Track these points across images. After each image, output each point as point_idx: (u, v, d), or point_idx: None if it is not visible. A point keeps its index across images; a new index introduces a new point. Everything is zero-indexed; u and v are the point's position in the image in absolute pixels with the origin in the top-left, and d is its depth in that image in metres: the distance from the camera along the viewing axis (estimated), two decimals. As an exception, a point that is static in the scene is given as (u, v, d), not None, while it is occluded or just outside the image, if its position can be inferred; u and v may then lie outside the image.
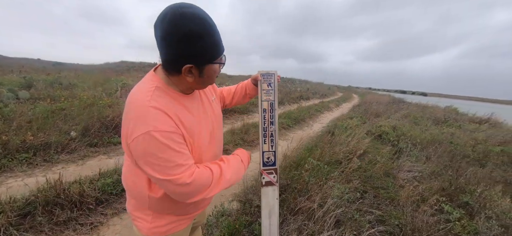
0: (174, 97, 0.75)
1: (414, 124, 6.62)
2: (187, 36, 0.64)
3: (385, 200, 2.17)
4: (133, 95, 0.73)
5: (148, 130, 0.64)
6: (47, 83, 5.39)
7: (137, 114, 0.67)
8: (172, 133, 0.68)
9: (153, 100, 0.68)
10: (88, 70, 13.81)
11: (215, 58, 0.74)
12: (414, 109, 10.88)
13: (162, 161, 0.66)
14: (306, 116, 7.37)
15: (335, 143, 3.14)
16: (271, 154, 1.21)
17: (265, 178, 1.24)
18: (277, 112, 1.19)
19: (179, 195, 0.73)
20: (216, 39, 0.72)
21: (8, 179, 2.59)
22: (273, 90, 1.17)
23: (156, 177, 0.68)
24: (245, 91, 1.24)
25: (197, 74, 0.73)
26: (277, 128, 1.20)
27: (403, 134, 4.78)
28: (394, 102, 13.33)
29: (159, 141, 0.65)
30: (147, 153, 0.66)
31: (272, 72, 1.17)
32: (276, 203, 1.27)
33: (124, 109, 0.72)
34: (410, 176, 2.78)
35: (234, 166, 0.90)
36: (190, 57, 0.69)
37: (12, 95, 4.18)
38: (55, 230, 1.86)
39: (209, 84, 0.83)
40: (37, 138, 3.15)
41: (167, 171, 0.67)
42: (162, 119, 0.67)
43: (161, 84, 0.74)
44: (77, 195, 2.08)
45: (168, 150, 0.66)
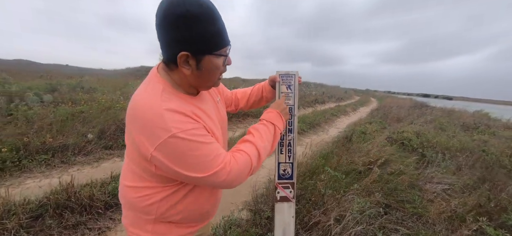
0: (183, 98, 0.69)
1: (440, 130, 6.14)
2: (183, 18, 0.58)
3: (411, 216, 1.94)
4: (139, 101, 0.65)
5: (172, 133, 0.59)
6: (70, 87, 5.65)
7: (151, 121, 0.60)
8: (196, 129, 0.64)
9: (164, 102, 0.62)
10: (110, 75, 14.49)
11: (216, 49, 0.66)
12: (439, 113, 10.17)
13: (199, 158, 0.63)
14: (321, 121, 7.12)
15: (353, 150, 2.93)
16: (288, 166, 1.08)
17: (280, 193, 1.10)
18: (296, 119, 1.06)
19: (223, 184, 0.69)
20: (218, 27, 0.64)
21: (26, 180, 2.67)
22: (293, 93, 1.05)
23: (197, 177, 0.64)
24: (261, 94, 1.13)
25: (195, 65, 0.65)
26: (296, 137, 1.07)
27: (428, 141, 4.41)
28: (416, 106, 12.58)
29: (188, 139, 0.61)
30: (179, 157, 0.62)
31: (293, 73, 1.05)
32: (292, 221, 1.13)
33: (129, 118, 0.65)
34: (440, 189, 2.50)
35: (267, 137, 0.84)
36: (186, 43, 0.62)
37: (37, 99, 4.40)
38: (64, 234, 1.85)
39: (211, 82, 0.73)
40: (56, 140, 3.25)
41: (207, 165, 0.64)
42: (181, 119, 0.62)
43: (167, 85, 0.67)
44: (87, 198, 2.07)
45: (200, 145, 0.63)
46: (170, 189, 0.72)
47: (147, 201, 0.72)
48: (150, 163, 0.65)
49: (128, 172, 0.75)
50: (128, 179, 0.75)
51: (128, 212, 0.79)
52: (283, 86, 1.05)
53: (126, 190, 0.75)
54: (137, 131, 0.63)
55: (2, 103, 3.99)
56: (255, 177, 3.01)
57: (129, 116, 0.65)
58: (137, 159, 0.69)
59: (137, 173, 0.72)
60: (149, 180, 0.71)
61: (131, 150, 0.70)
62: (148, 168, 0.68)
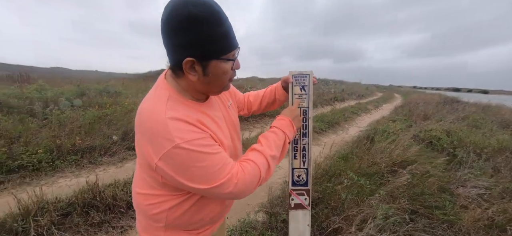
0: (190, 105, 0.67)
1: (474, 128, 5.62)
2: (186, 20, 0.56)
3: (442, 224, 1.78)
4: (145, 109, 0.65)
5: (175, 143, 0.57)
6: (97, 92, 6.02)
7: (155, 130, 0.59)
8: (201, 138, 0.61)
9: (169, 111, 0.61)
10: (133, 79, 15.26)
11: (223, 53, 0.63)
12: (472, 109, 9.32)
13: (204, 170, 0.61)
14: (340, 119, 6.87)
15: (375, 151, 2.76)
16: (302, 172, 1.03)
17: (295, 200, 1.06)
18: (311, 122, 1.00)
19: (230, 196, 0.67)
20: (225, 30, 0.61)
21: (59, 179, 2.89)
22: (307, 95, 0.99)
23: (202, 189, 0.63)
24: (274, 96, 1.09)
25: (201, 71, 0.63)
26: (311, 141, 1.00)
27: (460, 140, 4.05)
28: (446, 102, 11.64)
29: (192, 150, 0.59)
30: (183, 168, 0.60)
31: (307, 73, 0.99)
32: (307, 230, 1.08)
33: (136, 126, 0.65)
34: (474, 193, 2.28)
35: (276, 146, 0.80)
36: (191, 48, 0.59)
37: (68, 103, 4.75)
38: (90, 231, 1.96)
39: (219, 88, 0.71)
40: (84, 142, 3.48)
41: (212, 177, 0.62)
42: (185, 128, 0.60)
43: (173, 92, 0.66)
44: (110, 198, 2.18)
45: (205, 156, 0.61)
46: (179, 198, 0.71)
47: (156, 209, 0.72)
48: (156, 172, 0.64)
49: (139, 179, 0.76)
50: (138, 186, 0.76)
51: (140, 218, 0.80)
52: (296, 88, 0.99)
53: (137, 197, 0.76)
54: (143, 140, 0.62)
55: (39, 108, 4.35)
56: (271, 179, 2.97)
57: (136, 124, 0.65)
58: (145, 167, 0.69)
59: (146, 180, 0.72)
60: (157, 188, 0.71)
61: (140, 158, 0.70)
62: (156, 177, 0.68)
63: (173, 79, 0.69)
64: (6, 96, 4.67)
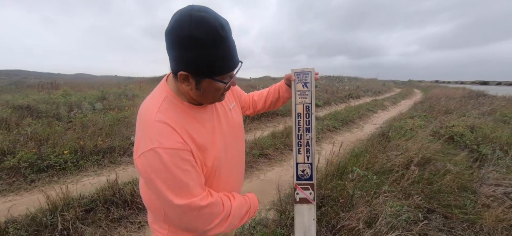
0: (183, 109, 0.69)
1: (502, 123, 5.24)
2: (186, 41, 0.57)
3: (461, 223, 1.69)
4: (142, 108, 0.69)
5: (153, 146, 0.59)
6: (116, 95, 6.34)
7: (143, 129, 0.64)
8: (179, 150, 0.62)
9: (160, 113, 0.64)
10: (150, 81, 15.84)
11: (218, 74, 0.64)
12: (501, 103, 8.67)
13: (169, 181, 0.61)
14: (355, 117, 6.69)
15: (390, 148, 2.67)
16: (306, 166, 1.05)
17: (300, 194, 1.07)
18: (314, 117, 1.02)
19: (185, 219, 0.66)
20: (223, 54, 0.62)
21: (82, 178, 3.09)
22: (309, 91, 1.02)
23: (165, 199, 0.62)
24: (278, 94, 1.11)
25: (194, 85, 0.65)
26: (314, 136, 1.03)
27: (486, 137, 3.80)
28: (470, 96, 10.91)
29: (163, 158, 0.59)
30: (152, 172, 0.60)
31: (308, 70, 1.01)
32: (313, 224, 1.08)
33: (136, 122, 0.69)
34: (500, 192, 2.14)
35: (242, 209, 0.80)
36: (186, 64, 0.61)
37: (90, 107, 5.04)
38: (110, 226, 2.09)
39: (211, 100, 0.73)
40: (105, 143, 3.69)
41: (176, 191, 0.62)
42: (167, 135, 0.62)
43: (170, 94, 0.69)
44: (129, 195, 2.30)
45: (173, 169, 0.60)
46: None
47: (154, 204, 0.76)
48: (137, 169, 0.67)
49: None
50: (142, 183, 0.81)
51: (148, 210, 0.85)
52: (299, 84, 1.02)
53: (142, 191, 0.81)
54: (136, 134, 0.66)
55: (64, 112, 4.67)
56: (280, 177, 2.97)
57: (137, 119, 0.69)
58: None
59: None
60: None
61: None
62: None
63: (173, 81, 0.71)
64: (35, 102, 5.07)
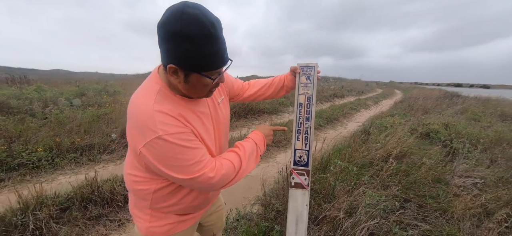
0: (177, 101, 0.72)
1: (472, 121, 5.62)
2: (177, 36, 0.60)
3: (434, 212, 1.80)
4: (136, 99, 0.70)
5: (158, 134, 0.63)
6: (96, 92, 6.06)
7: (142, 119, 0.65)
8: (183, 133, 0.67)
9: (156, 104, 0.66)
10: (133, 79, 15.31)
11: (206, 70, 0.66)
12: (472, 103, 9.30)
13: (181, 162, 0.66)
14: (339, 115, 6.88)
15: (370, 143, 2.78)
16: (304, 153, 1.10)
17: (295, 179, 1.12)
18: (314, 108, 1.10)
19: (205, 188, 0.74)
20: (212, 51, 0.64)
21: (59, 176, 2.93)
22: (312, 84, 1.10)
23: (178, 178, 0.68)
24: (282, 83, 1.16)
25: (183, 78, 0.67)
26: (313, 125, 1.10)
27: (458, 133, 4.05)
28: (446, 97, 11.60)
29: (173, 143, 0.64)
30: (163, 158, 0.65)
31: (312, 65, 1.10)
32: (305, 209, 1.13)
33: (128, 113, 0.70)
34: (469, 183, 2.29)
35: (250, 153, 0.86)
36: (175, 57, 0.64)
37: (67, 103, 4.79)
38: (88, 224, 2.00)
39: (199, 95, 0.75)
40: (83, 140, 3.51)
41: (188, 169, 0.67)
42: (169, 122, 0.66)
43: (163, 87, 0.71)
44: (108, 192, 2.22)
45: (184, 150, 0.66)
46: (162, 183, 0.77)
47: (142, 189, 0.78)
48: (140, 157, 0.69)
49: (129, 161, 0.81)
50: (128, 167, 0.82)
51: (131, 197, 0.87)
52: (302, 77, 1.10)
53: (127, 177, 0.82)
54: (131, 126, 0.68)
55: (39, 108, 4.40)
56: (265, 173, 2.99)
57: (128, 111, 0.70)
58: (132, 151, 0.74)
59: (134, 163, 0.78)
60: (143, 171, 0.76)
61: (130, 144, 0.75)
62: (141, 162, 0.73)
63: (164, 74, 0.72)
64: (5, 97, 4.72)
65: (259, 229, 1.66)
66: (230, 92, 1.08)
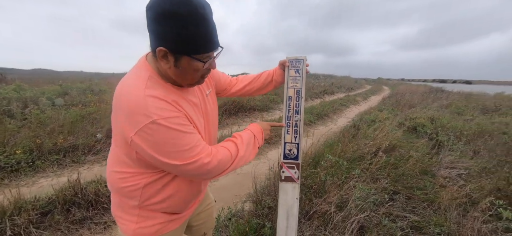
0: (168, 88, 0.69)
1: (456, 115, 5.82)
2: (166, 15, 0.58)
3: (422, 203, 1.84)
4: (124, 86, 0.66)
5: (152, 119, 0.60)
6: (80, 91, 5.83)
7: (134, 105, 0.61)
8: (177, 117, 0.65)
9: (148, 89, 0.64)
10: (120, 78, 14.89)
11: (195, 53, 0.64)
12: (456, 98, 9.67)
13: (177, 147, 0.64)
14: (329, 111, 6.96)
15: (360, 137, 2.81)
16: (293, 146, 1.10)
17: (285, 172, 1.11)
18: (303, 101, 1.09)
19: (200, 175, 0.71)
20: (202, 32, 0.62)
21: (40, 179, 2.79)
22: (301, 77, 1.09)
23: (173, 164, 0.65)
24: (271, 77, 1.14)
25: (173, 62, 0.65)
26: (302, 118, 1.09)
27: (443, 126, 4.18)
28: (431, 92, 12.01)
29: (168, 127, 0.62)
30: (158, 143, 0.63)
31: (301, 58, 1.09)
32: (296, 203, 1.12)
33: (115, 102, 0.66)
34: (454, 174, 2.36)
35: (248, 143, 0.85)
36: (165, 40, 0.62)
37: (49, 103, 4.57)
38: (71, 228, 1.91)
39: (189, 81, 0.72)
40: (66, 141, 3.36)
41: (184, 155, 0.65)
42: (163, 106, 0.63)
43: (154, 74, 0.68)
44: (93, 194, 2.12)
45: (179, 134, 0.64)
46: (152, 176, 0.73)
47: (130, 186, 0.74)
48: (131, 147, 0.66)
49: (114, 157, 0.77)
50: (113, 164, 0.77)
51: (115, 198, 0.81)
52: (291, 70, 1.09)
53: (112, 175, 0.77)
54: (121, 115, 0.64)
55: (17, 108, 4.17)
56: (257, 170, 2.98)
57: (115, 100, 0.66)
58: (121, 143, 0.70)
59: (121, 158, 0.73)
60: (132, 166, 0.72)
61: (116, 135, 0.71)
62: (131, 153, 0.69)
63: (153, 61, 0.70)
64: (-19, 97, 4.46)
65: (250, 227, 1.64)
66: (217, 86, 1.05)
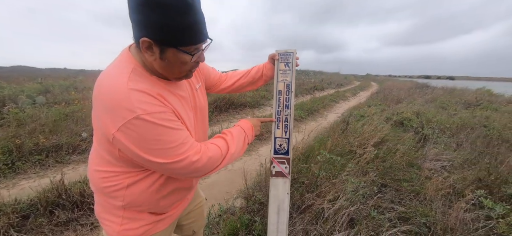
0: (153, 81, 0.64)
1: (440, 109, 6.04)
2: (149, 2, 0.54)
3: (408, 194, 1.89)
4: (105, 79, 0.61)
5: (136, 114, 0.56)
6: (63, 88, 5.59)
7: (116, 100, 0.56)
8: (164, 112, 0.60)
9: (131, 82, 0.59)
10: (106, 75, 14.40)
11: (182, 44, 0.60)
12: (440, 93, 10.03)
13: (163, 144, 0.60)
14: (320, 107, 7.03)
15: (349, 132, 2.86)
16: (284, 141, 1.08)
17: (276, 168, 1.10)
18: (293, 95, 1.07)
19: (189, 174, 0.67)
20: (189, 23, 0.58)
21: (21, 181, 2.65)
22: (290, 71, 1.06)
23: (158, 163, 0.61)
24: (261, 72, 1.11)
25: (158, 54, 0.60)
26: (292, 113, 1.08)
27: (428, 120, 4.33)
28: (417, 87, 12.41)
29: (153, 123, 0.58)
30: (142, 140, 0.58)
31: (291, 51, 1.06)
32: (287, 198, 1.12)
33: (95, 97, 0.60)
34: (439, 166, 2.45)
35: (238, 139, 0.82)
36: (149, 29, 0.57)
37: (29, 101, 4.36)
38: (55, 231, 1.83)
39: (177, 75, 0.68)
40: (49, 141, 3.22)
41: (171, 152, 0.61)
42: (148, 101, 0.59)
43: (137, 66, 0.63)
44: (78, 195, 2.05)
45: (166, 130, 0.60)
46: (137, 175, 0.69)
47: (114, 186, 0.70)
48: (113, 145, 0.61)
49: (96, 156, 0.72)
50: (95, 163, 0.72)
51: (99, 199, 0.77)
52: (281, 64, 1.07)
53: (94, 175, 0.73)
54: (102, 110, 0.59)
55: (-5, 107, 3.95)
56: (247, 166, 2.97)
57: (95, 94, 0.61)
58: (102, 140, 0.66)
59: (104, 157, 0.69)
60: (115, 164, 0.68)
61: (97, 132, 0.67)
62: (113, 151, 0.65)
63: (137, 53, 0.65)
64: (-47, 96, 4.18)
65: (241, 223, 1.63)
66: (207, 81, 1.02)
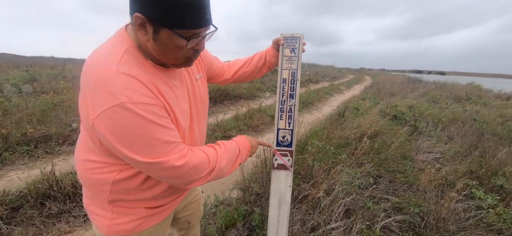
0: (148, 66, 0.58)
1: (432, 103, 6.15)
2: None
3: (402, 185, 1.93)
4: (94, 59, 0.55)
5: (120, 101, 0.50)
6: (51, 77, 5.39)
7: (102, 81, 0.50)
8: (152, 105, 0.54)
9: (122, 65, 0.52)
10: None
11: (178, 26, 0.54)
12: (431, 87, 10.22)
13: (145, 140, 0.53)
14: (314, 99, 7.05)
15: (345, 125, 2.87)
16: (287, 133, 1.02)
17: (278, 160, 1.05)
18: (299, 84, 1.00)
19: (169, 179, 0.61)
20: (189, 2, 0.52)
21: (9, 172, 2.57)
22: (297, 57, 0.99)
23: (136, 160, 0.54)
24: (264, 60, 1.04)
25: (151, 34, 0.54)
26: (297, 103, 1.01)
27: (421, 114, 4.41)
28: (409, 82, 12.60)
29: (137, 114, 0.51)
30: (121, 132, 0.52)
31: (297, 36, 0.98)
32: (289, 191, 1.08)
33: (82, 76, 0.54)
34: (431, 158, 2.50)
35: (231, 155, 0.75)
36: (143, 4, 0.52)
37: (15, 90, 4.18)
38: (47, 223, 1.79)
39: (173, 60, 0.61)
40: (37, 131, 3.11)
41: (152, 151, 0.54)
42: (136, 88, 0.52)
43: (132, 47, 0.57)
44: (70, 186, 1.99)
45: (150, 126, 0.53)
46: (124, 170, 0.63)
47: (100, 178, 0.64)
48: (93, 132, 0.55)
49: (83, 143, 0.66)
50: (81, 150, 0.67)
51: (87, 190, 0.71)
52: (286, 50, 0.99)
53: (81, 165, 0.67)
54: (86, 92, 0.53)
55: (-22, 96, 3.78)
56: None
57: (83, 73, 0.55)
58: (86, 126, 0.59)
59: (90, 146, 0.63)
60: (100, 154, 0.62)
61: (82, 116, 0.60)
62: (95, 140, 0.59)
63: (133, 32, 0.59)
64: None
65: (238, 213, 1.62)
66: (209, 71, 0.95)
